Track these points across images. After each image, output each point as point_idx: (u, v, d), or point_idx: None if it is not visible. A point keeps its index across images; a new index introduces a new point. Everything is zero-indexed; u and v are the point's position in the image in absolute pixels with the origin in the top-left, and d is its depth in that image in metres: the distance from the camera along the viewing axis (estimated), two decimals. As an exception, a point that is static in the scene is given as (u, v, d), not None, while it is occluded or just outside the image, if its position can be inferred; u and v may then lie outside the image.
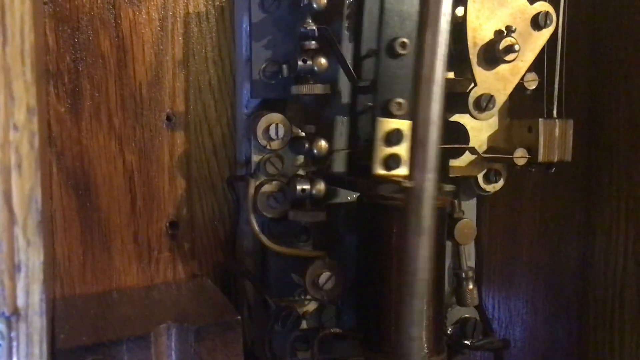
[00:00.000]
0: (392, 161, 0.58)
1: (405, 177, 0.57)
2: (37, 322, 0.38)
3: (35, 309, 0.38)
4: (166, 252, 0.67)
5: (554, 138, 0.69)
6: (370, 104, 0.61)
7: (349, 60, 0.60)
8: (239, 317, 0.56)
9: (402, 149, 0.58)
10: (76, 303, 0.62)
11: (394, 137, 0.58)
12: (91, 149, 0.64)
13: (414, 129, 0.53)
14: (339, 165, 0.65)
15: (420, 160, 0.53)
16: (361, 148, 0.62)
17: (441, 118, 0.53)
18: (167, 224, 0.67)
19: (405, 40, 0.58)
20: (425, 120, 0.52)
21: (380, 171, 0.58)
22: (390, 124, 0.58)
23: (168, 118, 0.66)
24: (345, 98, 0.65)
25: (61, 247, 0.63)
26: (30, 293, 0.38)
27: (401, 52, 0.58)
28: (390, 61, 0.59)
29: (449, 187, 0.62)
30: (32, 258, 0.38)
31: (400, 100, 0.58)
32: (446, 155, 0.70)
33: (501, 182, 0.72)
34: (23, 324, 0.38)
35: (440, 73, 0.52)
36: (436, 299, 0.61)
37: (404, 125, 0.58)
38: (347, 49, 0.61)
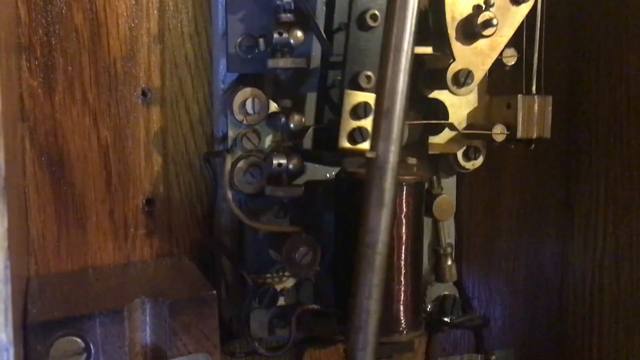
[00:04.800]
0: (357, 135, 0.57)
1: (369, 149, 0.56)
2: (1, 290, 0.38)
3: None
4: (142, 230, 0.66)
5: (533, 114, 0.69)
6: (339, 77, 0.61)
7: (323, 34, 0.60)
8: (214, 292, 0.56)
9: (368, 123, 0.57)
10: (50, 280, 0.61)
11: (361, 110, 0.56)
12: (65, 124, 0.63)
13: (379, 100, 0.53)
14: (309, 141, 0.65)
15: (384, 131, 0.52)
16: (329, 123, 0.61)
17: (408, 90, 0.52)
18: (144, 201, 0.66)
19: (376, 12, 0.57)
20: (391, 90, 0.52)
21: (346, 144, 0.57)
22: (358, 96, 0.57)
23: (143, 93, 0.65)
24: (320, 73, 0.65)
25: (35, 224, 0.62)
26: (-6, 261, 0.37)
27: (372, 24, 0.57)
28: (360, 34, 0.58)
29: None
30: (-3, 226, 0.38)
31: (369, 73, 0.57)
32: (425, 132, 0.70)
33: (480, 159, 0.72)
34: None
35: (408, 43, 0.51)
36: (414, 274, 0.61)
37: (372, 98, 0.56)
38: (322, 22, 0.61)
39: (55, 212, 0.63)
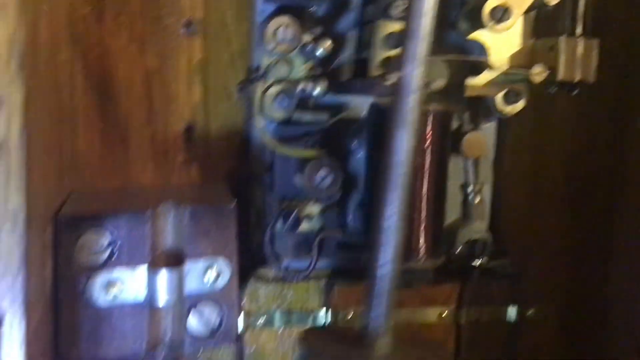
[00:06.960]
0: (389, 64, 0.57)
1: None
2: (16, 155, 0.41)
3: (14, 142, 0.41)
4: (181, 157, 0.70)
5: (576, 57, 0.66)
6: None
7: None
8: (232, 205, 0.58)
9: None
10: (91, 193, 0.65)
11: (392, 40, 0.57)
12: (112, 50, 0.67)
13: (407, 22, 0.53)
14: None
15: (410, 52, 0.51)
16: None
17: (435, 11, 0.52)
18: (183, 129, 0.69)
19: None
20: (417, 11, 0.51)
21: (377, 73, 0.58)
22: (389, 26, 0.57)
23: (187, 24, 0.68)
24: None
25: (82, 142, 0.67)
26: (11, 125, 0.41)
27: None
28: None
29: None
30: (15, 94, 0.41)
31: (401, 1, 0.58)
32: (463, 72, 0.69)
33: (521, 103, 0.70)
34: (3, 155, 0.41)
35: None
36: (435, 204, 0.61)
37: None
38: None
39: (101, 133, 0.67)
